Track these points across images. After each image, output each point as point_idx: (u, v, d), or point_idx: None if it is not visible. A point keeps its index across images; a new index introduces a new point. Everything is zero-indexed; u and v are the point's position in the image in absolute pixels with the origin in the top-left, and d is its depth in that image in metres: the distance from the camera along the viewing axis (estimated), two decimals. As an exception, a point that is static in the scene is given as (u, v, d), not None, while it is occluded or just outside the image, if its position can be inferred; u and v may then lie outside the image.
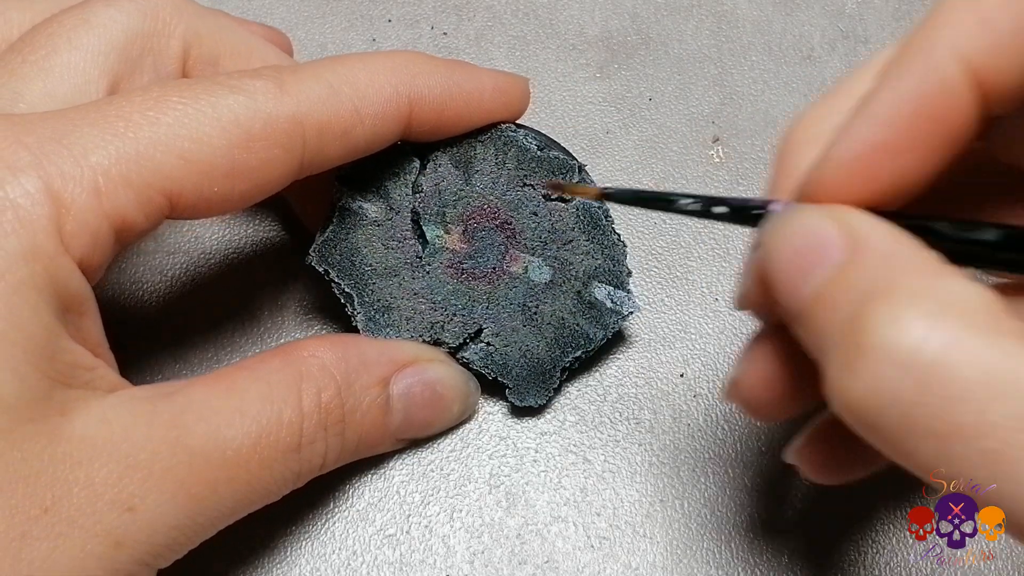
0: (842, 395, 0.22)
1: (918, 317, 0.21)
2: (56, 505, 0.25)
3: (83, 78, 0.31)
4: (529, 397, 0.35)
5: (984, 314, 0.21)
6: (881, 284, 0.22)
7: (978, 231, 0.24)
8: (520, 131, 0.35)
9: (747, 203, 0.27)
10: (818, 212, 0.25)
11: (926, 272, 0.22)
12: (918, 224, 0.24)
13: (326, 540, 0.34)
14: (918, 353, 0.20)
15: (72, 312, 0.27)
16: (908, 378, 0.20)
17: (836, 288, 0.23)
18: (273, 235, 0.40)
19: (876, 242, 0.23)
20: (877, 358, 0.21)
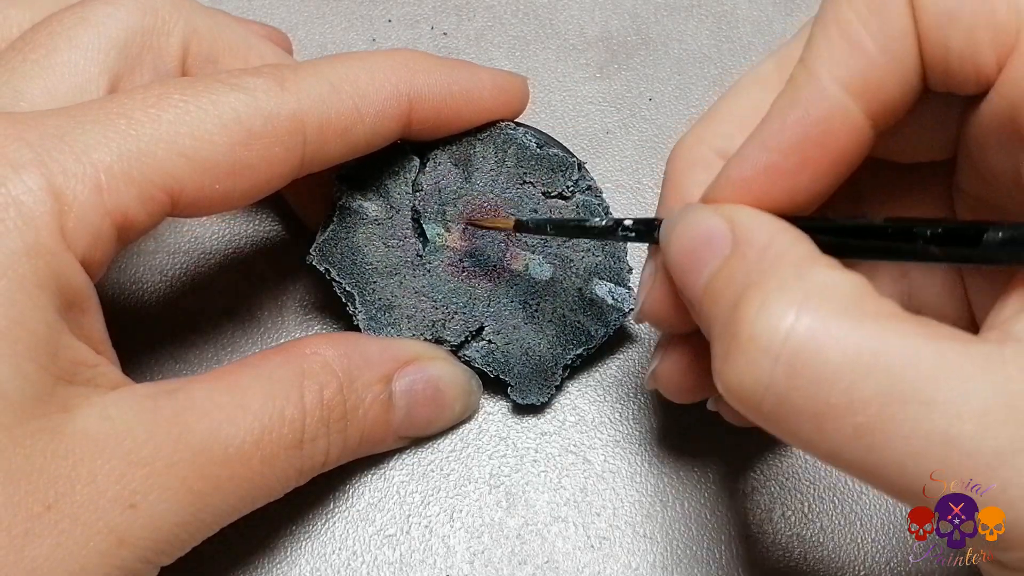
0: (724, 382, 0.24)
1: (786, 306, 0.22)
2: (59, 502, 0.25)
3: (83, 76, 0.31)
4: (531, 395, 0.35)
5: (849, 299, 0.22)
6: (755, 276, 0.24)
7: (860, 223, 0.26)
8: (519, 129, 0.35)
9: (650, 220, 0.30)
10: (708, 209, 0.27)
11: (796, 263, 0.24)
12: (807, 221, 0.26)
13: (326, 540, 0.34)
14: (787, 341, 0.22)
15: (74, 309, 0.27)
16: (779, 365, 0.22)
17: (720, 281, 0.25)
18: (273, 235, 0.39)
19: (756, 236, 0.25)
20: (751, 348, 0.23)
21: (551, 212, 0.35)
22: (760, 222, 0.26)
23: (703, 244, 0.26)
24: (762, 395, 0.23)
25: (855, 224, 0.26)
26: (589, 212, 0.35)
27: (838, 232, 0.26)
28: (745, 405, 0.23)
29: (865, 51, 0.25)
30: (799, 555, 0.34)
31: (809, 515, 0.34)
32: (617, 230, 0.31)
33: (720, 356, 0.24)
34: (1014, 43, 0.24)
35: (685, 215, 0.27)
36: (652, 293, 0.30)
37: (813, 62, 0.26)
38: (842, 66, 0.26)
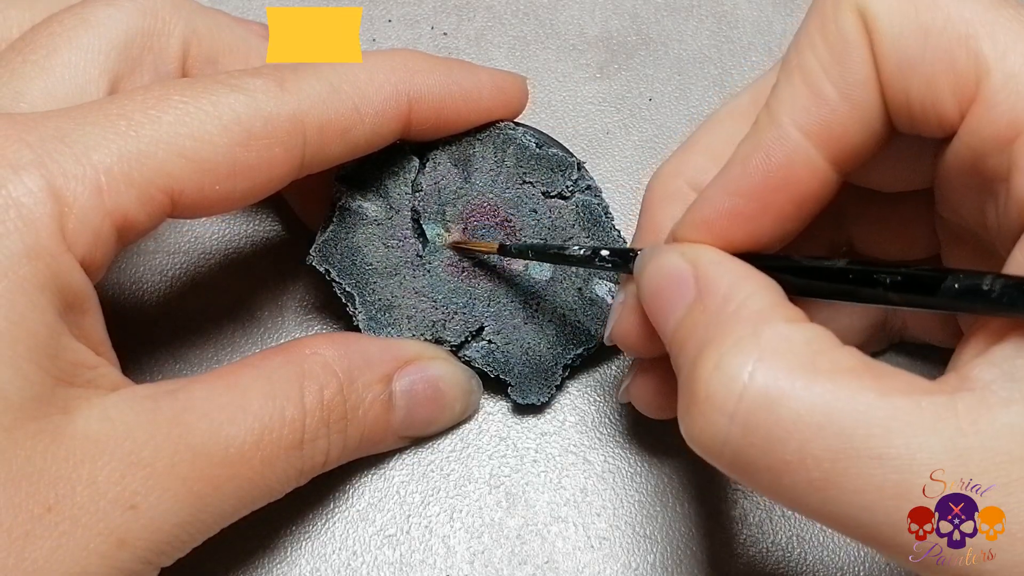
0: (686, 434, 0.24)
1: (741, 365, 0.23)
2: (59, 504, 0.25)
3: (84, 77, 0.31)
4: (531, 395, 0.35)
5: (803, 355, 0.23)
6: (712, 331, 0.24)
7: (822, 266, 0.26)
8: (519, 129, 0.35)
9: (626, 250, 0.31)
10: (674, 251, 0.28)
11: (754, 318, 0.24)
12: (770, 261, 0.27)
13: (326, 540, 0.34)
14: (741, 400, 0.23)
15: (74, 310, 0.27)
16: (734, 424, 0.23)
17: (684, 330, 0.26)
18: (273, 235, 0.39)
19: (717, 284, 0.26)
20: (707, 406, 0.23)
21: (551, 212, 0.35)
22: (722, 269, 0.26)
23: (670, 288, 0.27)
24: (720, 449, 0.23)
25: (817, 266, 0.26)
26: (589, 212, 0.35)
27: (800, 273, 0.27)
28: (706, 456, 0.24)
29: (827, 99, 0.26)
30: (799, 555, 0.34)
31: (809, 515, 0.34)
32: (595, 259, 0.31)
33: (683, 409, 0.25)
34: (975, 92, 0.24)
35: (653, 256, 0.28)
36: (621, 321, 0.31)
37: (776, 108, 0.26)
38: (804, 113, 0.26)
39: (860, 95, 0.25)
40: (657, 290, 0.27)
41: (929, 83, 0.25)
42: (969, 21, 0.24)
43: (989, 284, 0.23)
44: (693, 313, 0.26)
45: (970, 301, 0.23)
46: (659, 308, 0.27)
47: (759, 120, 0.27)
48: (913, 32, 0.25)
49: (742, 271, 0.26)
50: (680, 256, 0.27)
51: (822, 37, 0.26)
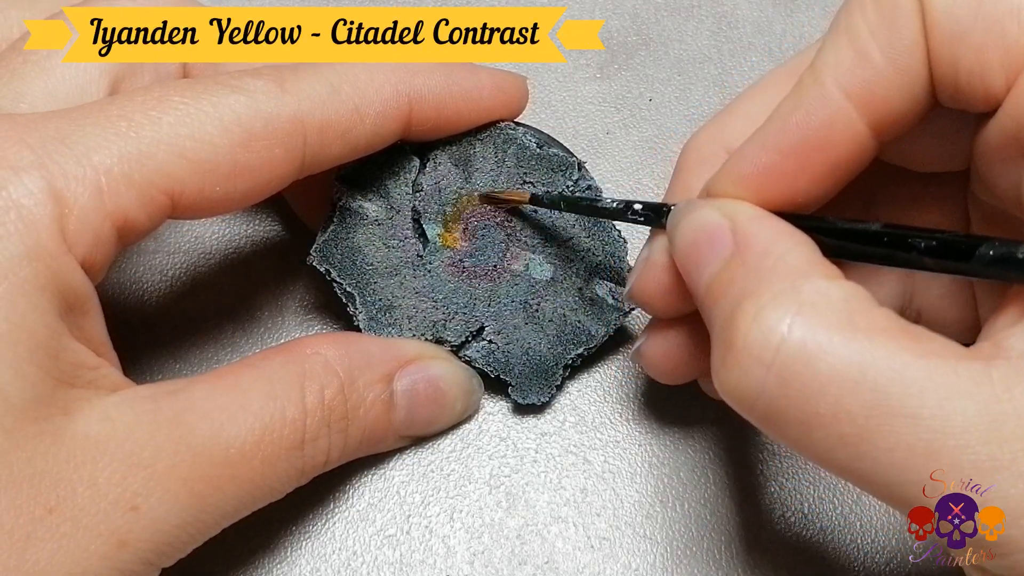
0: (720, 384, 0.25)
1: (780, 318, 0.23)
2: (60, 505, 0.25)
3: (84, 78, 0.31)
4: (532, 394, 0.35)
5: (842, 312, 0.23)
6: (752, 284, 0.24)
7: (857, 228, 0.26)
8: (519, 129, 0.35)
9: (659, 205, 0.31)
10: (711, 205, 0.28)
11: (793, 272, 0.24)
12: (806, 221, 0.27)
13: (326, 540, 0.34)
14: (779, 352, 0.23)
15: (75, 312, 0.27)
16: (771, 374, 0.23)
17: (720, 283, 0.26)
18: (273, 235, 0.40)
19: (755, 239, 0.26)
20: (744, 356, 0.23)
21: (551, 211, 0.35)
22: (760, 224, 0.26)
23: (705, 243, 0.27)
24: (754, 400, 0.24)
25: (852, 228, 0.27)
26: (589, 211, 0.35)
27: (835, 234, 0.27)
28: (739, 407, 0.25)
29: (872, 62, 0.26)
30: (799, 555, 0.34)
31: (809, 515, 0.34)
32: (627, 212, 0.31)
33: (718, 359, 0.25)
34: (1023, 64, 0.24)
35: (690, 210, 0.28)
36: (644, 277, 0.30)
37: (820, 68, 0.26)
38: (848, 75, 0.26)
39: (906, 61, 0.25)
40: (692, 244, 0.27)
41: (978, 53, 0.24)
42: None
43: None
44: (730, 267, 0.26)
45: (1004, 268, 0.23)
46: (693, 262, 0.27)
47: (802, 79, 0.27)
48: (966, 1, 0.24)
49: (780, 227, 0.26)
50: (717, 211, 0.27)
51: (874, 1, 0.26)
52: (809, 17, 0.44)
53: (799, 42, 0.44)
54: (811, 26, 0.44)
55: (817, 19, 0.44)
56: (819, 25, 0.44)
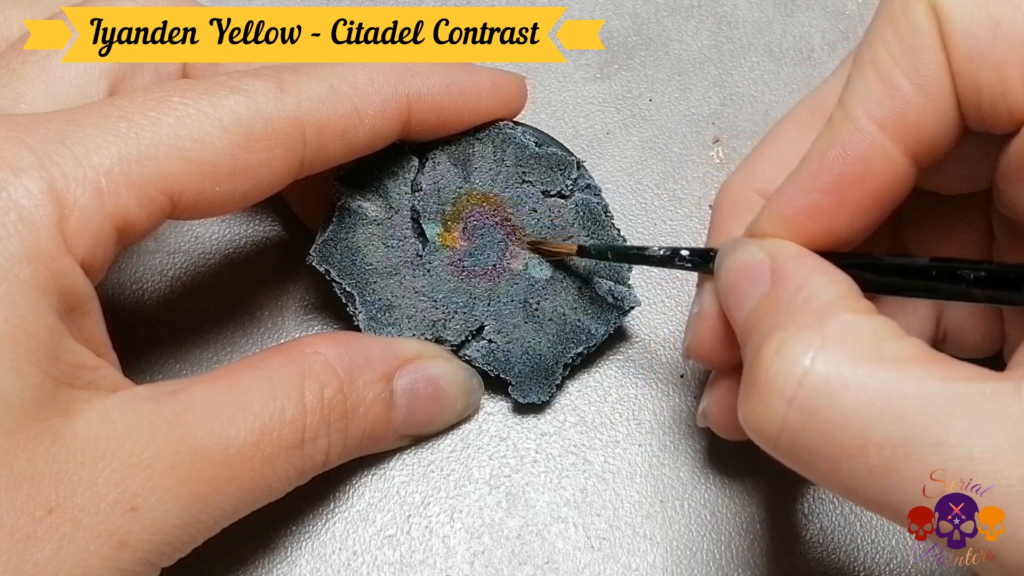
0: (743, 419, 0.25)
1: (803, 351, 0.23)
2: (60, 506, 0.25)
3: (84, 78, 0.31)
4: (532, 393, 0.35)
5: (867, 343, 0.23)
6: (781, 318, 0.24)
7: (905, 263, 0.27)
8: (518, 128, 0.35)
9: (705, 250, 0.31)
10: (755, 243, 0.28)
11: (822, 308, 0.24)
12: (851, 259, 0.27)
13: (326, 540, 0.34)
14: (801, 386, 0.23)
15: (75, 312, 0.27)
16: (793, 409, 0.23)
17: (755, 317, 0.26)
18: (273, 235, 0.39)
19: (791, 275, 0.26)
20: (766, 390, 0.23)
21: (550, 211, 0.35)
22: (799, 262, 0.26)
23: (747, 278, 0.27)
24: (777, 435, 0.24)
25: (900, 263, 0.27)
26: (588, 211, 0.35)
27: (882, 271, 0.27)
28: (762, 442, 0.24)
29: (900, 91, 0.26)
30: (799, 555, 0.34)
31: (809, 515, 0.34)
32: (675, 259, 0.31)
33: (743, 394, 0.25)
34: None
35: (734, 247, 0.28)
36: (698, 331, 0.30)
37: (850, 103, 0.26)
38: (878, 106, 0.26)
39: (933, 86, 0.25)
40: (735, 281, 0.27)
41: (999, 73, 0.24)
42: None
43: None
44: (765, 302, 0.26)
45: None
46: (735, 298, 0.27)
47: (834, 116, 0.27)
48: (984, 22, 0.24)
49: (817, 265, 0.26)
50: (759, 248, 0.27)
51: (892, 30, 0.26)
52: (809, 17, 0.44)
53: (799, 42, 0.44)
54: (811, 26, 0.44)
55: (817, 19, 0.44)
56: (819, 25, 0.44)
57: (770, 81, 0.43)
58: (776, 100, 0.43)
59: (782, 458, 0.24)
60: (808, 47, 0.44)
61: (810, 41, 0.44)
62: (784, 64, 0.43)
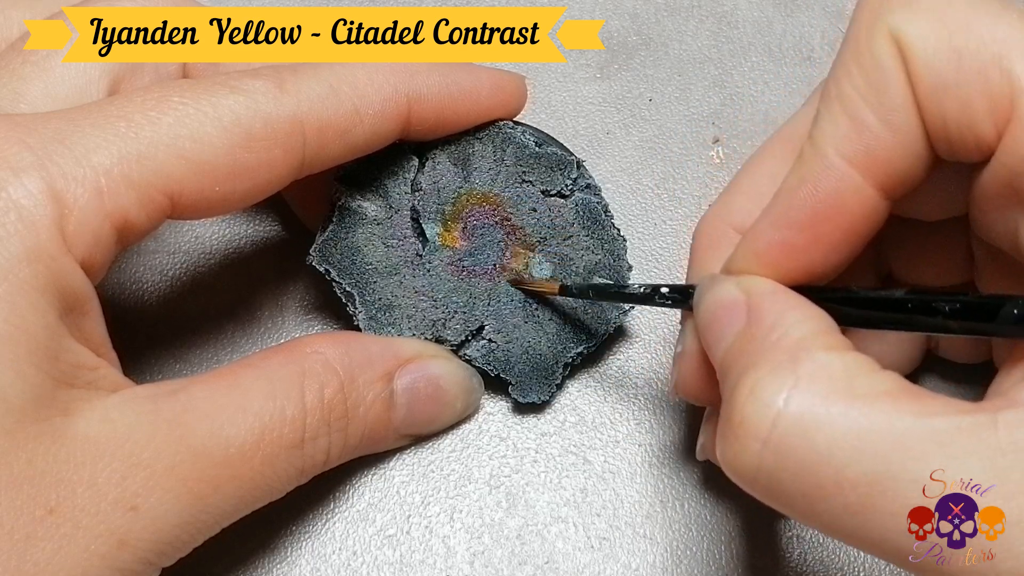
0: (720, 460, 0.25)
1: (776, 391, 0.23)
2: (61, 506, 0.25)
3: (84, 78, 0.31)
4: (532, 393, 0.35)
5: (841, 381, 0.23)
6: (754, 357, 0.24)
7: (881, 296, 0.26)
8: (518, 128, 0.35)
9: (685, 287, 0.31)
10: (731, 280, 0.28)
11: (795, 346, 0.24)
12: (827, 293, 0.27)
13: (326, 540, 0.34)
14: (775, 427, 0.23)
15: (75, 312, 0.27)
16: (767, 450, 0.23)
17: (731, 357, 0.26)
18: (273, 235, 0.40)
19: (766, 313, 0.26)
20: (741, 432, 0.23)
21: (550, 210, 0.35)
22: (773, 298, 0.26)
23: (723, 316, 0.27)
24: (754, 476, 0.24)
25: (875, 296, 0.27)
26: (588, 210, 0.35)
27: (858, 304, 0.27)
28: (740, 483, 0.24)
29: (867, 126, 0.26)
30: (799, 555, 0.34)
31: (809, 515, 0.34)
32: (655, 296, 0.31)
33: (720, 434, 0.25)
34: (1010, 111, 0.24)
35: (711, 284, 0.28)
36: (683, 370, 0.30)
37: (819, 139, 0.26)
38: (847, 141, 0.26)
39: (900, 120, 0.25)
40: (712, 318, 0.27)
41: (964, 105, 0.24)
42: (1002, 41, 0.24)
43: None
44: (740, 340, 0.26)
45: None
46: (712, 336, 0.27)
47: (803, 152, 0.27)
48: (947, 55, 0.24)
49: (792, 301, 0.26)
50: (736, 285, 0.27)
51: (857, 65, 0.26)
52: (809, 17, 0.44)
53: (799, 42, 0.44)
54: (811, 26, 0.44)
55: (817, 19, 0.44)
56: (819, 25, 0.44)
57: (770, 81, 0.43)
58: (776, 100, 0.43)
59: (761, 497, 0.24)
60: (808, 47, 0.44)
61: (810, 41, 0.44)
62: (784, 64, 0.43)
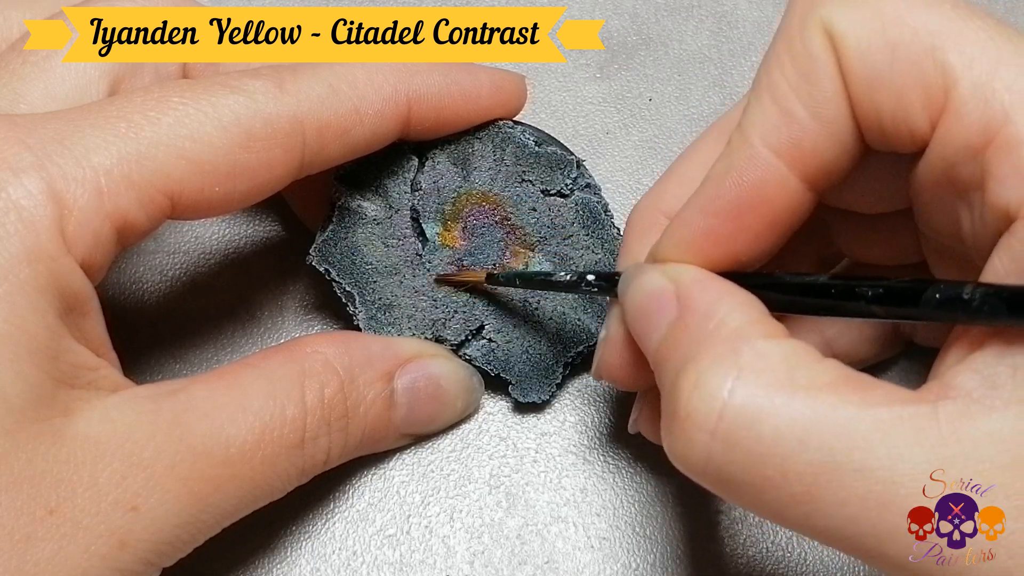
0: (669, 452, 0.25)
1: (720, 383, 0.23)
2: (61, 506, 0.25)
3: (84, 79, 0.31)
4: (532, 393, 0.35)
5: (782, 371, 0.23)
6: (692, 349, 0.24)
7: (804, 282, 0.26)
8: (518, 128, 0.35)
9: (611, 273, 0.31)
10: (657, 269, 0.28)
11: (732, 335, 0.24)
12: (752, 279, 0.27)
13: (326, 540, 0.34)
14: (721, 419, 0.23)
15: (75, 313, 0.27)
16: (715, 441, 0.23)
17: (666, 348, 0.26)
18: (273, 235, 0.40)
19: (698, 302, 0.26)
20: (688, 424, 0.23)
21: (550, 210, 0.35)
22: (703, 286, 0.26)
23: (653, 307, 0.27)
24: (703, 467, 0.24)
25: (800, 282, 0.26)
26: (588, 210, 0.35)
27: (784, 289, 0.27)
28: (690, 474, 0.24)
29: (796, 118, 0.26)
30: (799, 555, 0.34)
31: (809, 515, 0.34)
32: (581, 284, 0.31)
33: (665, 427, 0.25)
34: (944, 102, 0.24)
35: (637, 274, 0.28)
36: (607, 354, 0.30)
37: (747, 128, 0.26)
38: (774, 132, 0.26)
39: (829, 112, 0.25)
40: (640, 309, 0.27)
41: (899, 97, 0.24)
42: (936, 33, 0.24)
43: (969, 293, 0.23)
44: (674, 331, 0.26)
45: (951, 311, 0.23)
46: (642, 327, 0.27)
47: (732, 140, 0.27)
48: (880, 47, 0.24)
49: (723, 288, 0.26)
50: (662, 275, 0.27)
51: (789, 56, 0.26)
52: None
53: (799, 42, 0.44)
54: (811, 26, 0.44)
55: (817, 19, 0.44)
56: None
57: (770, 81, 0.43)
58: (776, 100, 0.43)
59: (710, 487, 0.24)
60: (808, 47, 0.44)
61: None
62: (784, 64, 0.43)
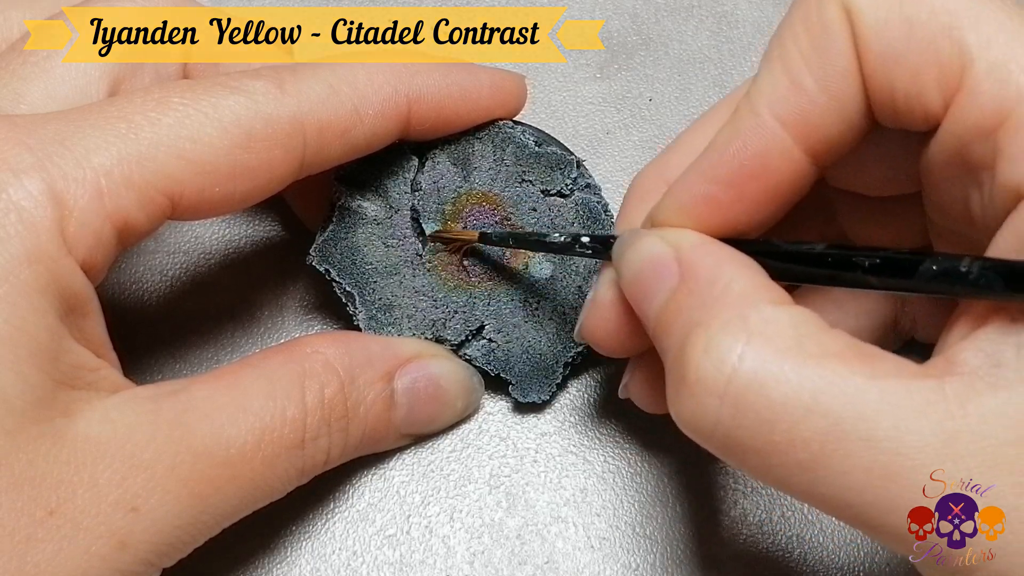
0: (677, 416, 0.25)
1: (730, 348, 0.23)
2: (61, 507, 0.25)
3: (84, 79, 0.31)
4: (532, 393, 0.35)
5: (792, 338, 0.23)
6: (700, 314, 0.24)
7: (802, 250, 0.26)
8: (518, 128, 0.35)
9: (606, 236, 0.31)
10: (655, 234, 0.28)
11: (740, 301, 0.24)
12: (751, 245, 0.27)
13: (326, 540, 0.34)
14: (731, 383, 0.23)
15: (75, 313, 0.27)
16: (725, 406, 0.23)
17: (669, 314, 0.26)
18: (273, 235, 0.40)
19: (700, 268, 0.26)
20: (697, 389, 0.24)
21: (550, 210, 0.35)
22: (705, 252, 0.26)
23: (652, 273, 0.27)
24: (711, 431, 0.24)
25: (797, 251, 0.27)
26: (588, 210, 0.35)
27: (781, 257, 0.27)
28: (697, 438, 0.25)
29: (805, 90, 0.26)
30: (799, 555, 0.34)
31: (809, 515, 0.34)
32: (575, 246, 0.31)
33: (672, 392, 0.25)
34: (959, 82, 0.24)
35: (634, 239, 0.28)
36: (592, 316, 0.31)
37: (756, 97, 0.27)
38: (782, 103, 0.26)
39: (839, 86, 0.25)
40: (638, 274, 0.27)
41: (914, 74, 0.25)
42: (953, 12, 0.24)
43: (967, 266, 0.23)
44: (677, 296, 0.26)
45: (948, 283, 0.23)
46: (641, 292, 0.27)
47: (739, 108, 0.27)
48: (897, 23, 0.25)
49: (724, 253, 0.26)
50: (661, 239, 0.27)
51: (804, 28, 0.26)
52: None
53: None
54: (811, 26, 0.44)
55: (817, 19, 0.44)
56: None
57: (770, 81, 0.43)
58: (776, 100, 0.43)
59: (716, 452, 0.24)
60: (808, 47, 0.44)
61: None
62: (784, 64, 0.43)
